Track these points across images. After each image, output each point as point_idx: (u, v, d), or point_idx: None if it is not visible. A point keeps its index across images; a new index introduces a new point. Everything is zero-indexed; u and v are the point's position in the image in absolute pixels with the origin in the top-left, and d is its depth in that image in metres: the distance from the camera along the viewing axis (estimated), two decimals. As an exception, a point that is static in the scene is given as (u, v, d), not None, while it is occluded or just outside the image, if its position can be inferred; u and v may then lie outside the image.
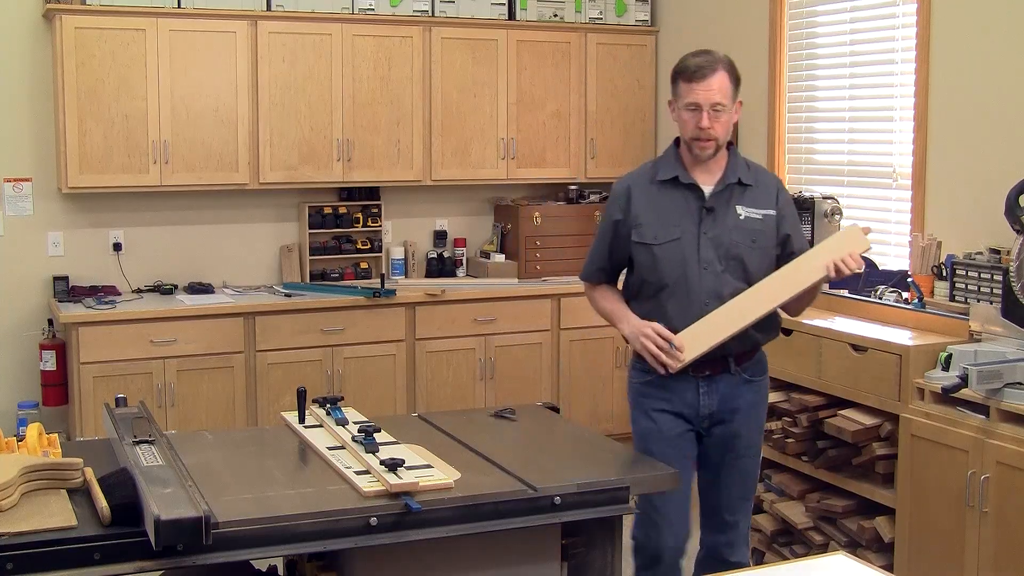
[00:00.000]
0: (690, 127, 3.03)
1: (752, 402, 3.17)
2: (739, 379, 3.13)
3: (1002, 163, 4.02)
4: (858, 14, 4.83)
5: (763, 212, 3.10)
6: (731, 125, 3.08)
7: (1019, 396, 3.32)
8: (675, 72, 3.06)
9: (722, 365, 3.11)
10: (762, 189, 3.13)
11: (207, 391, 5.08)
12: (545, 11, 5.93)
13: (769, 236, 3.10)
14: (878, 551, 3.84)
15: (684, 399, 3.11)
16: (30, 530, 2.23)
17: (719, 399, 3.12)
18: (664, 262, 3.06)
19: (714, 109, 3.00)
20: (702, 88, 2.99)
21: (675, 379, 3.08)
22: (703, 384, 3.11)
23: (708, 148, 3.04)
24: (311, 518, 2.40)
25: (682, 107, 3.05)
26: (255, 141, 5.36)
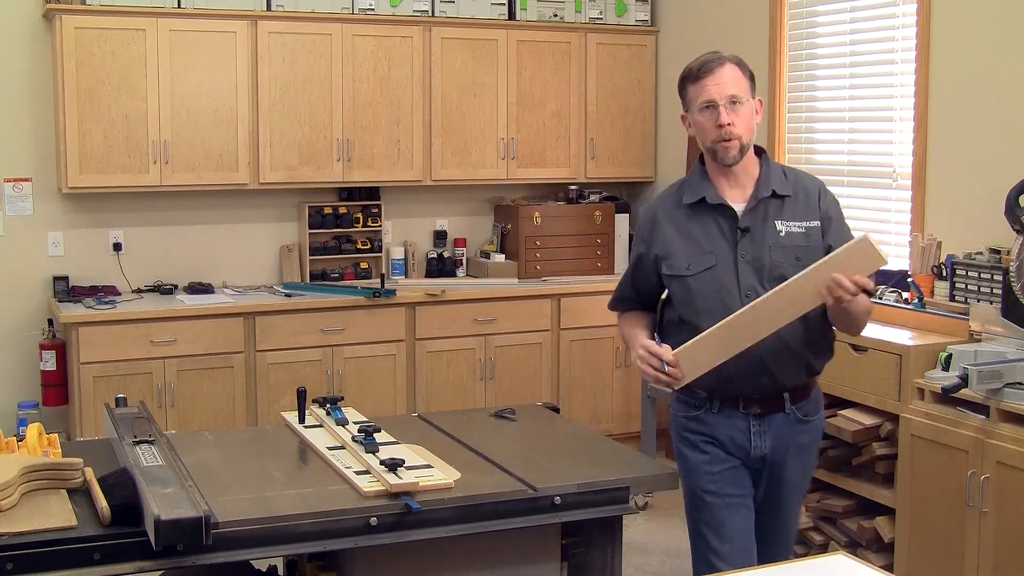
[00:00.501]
0: (708, 130, 2.71)
1: (804, 444, 2.83)
2: (793, 418, 2.78)
3: (1002, 163, 4.03)
4: (858, 14, 4.83)
5: (806, 224, 2.74)
6: (753, 124, 2.75)
7: (1019, 396, 3.32)
8: (681, 79, 2.78)
9: (776, 403, 2.75)
10: (802, 198, 2.76)
11: (207, 391, 5.08)
12: (545, 11, 5.93)
13: (815, 250, 2.70)
14: (878, 551, 3.84)
15: (733, 440, 2.76)
16: (30, 530, 2.24)
17: (771, 440, 2.76)
18: (700, 294, 2.72)
19: (731, 102, 2.69)
20: (712, 82, 2.69)
21: (724, 415, 2.75)
22: (755, 423, 2.75)
23: (732, 149, 2.69)
24: (311, 518, 2.40)
25: (696, 112, 2.73)
26: (255, 141, 5.36)
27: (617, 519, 2.75)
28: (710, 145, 2.72)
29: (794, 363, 2.71)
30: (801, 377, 2.76)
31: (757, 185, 2.74)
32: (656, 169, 6.26)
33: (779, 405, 2.75)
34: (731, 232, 2.72)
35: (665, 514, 4.94)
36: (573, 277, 5.91)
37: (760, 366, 2.69)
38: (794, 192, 2.76)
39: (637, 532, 4.69)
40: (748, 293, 2.68)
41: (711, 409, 2.77)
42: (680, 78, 2.78)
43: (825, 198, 2.79)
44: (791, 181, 2.78)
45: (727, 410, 2.75)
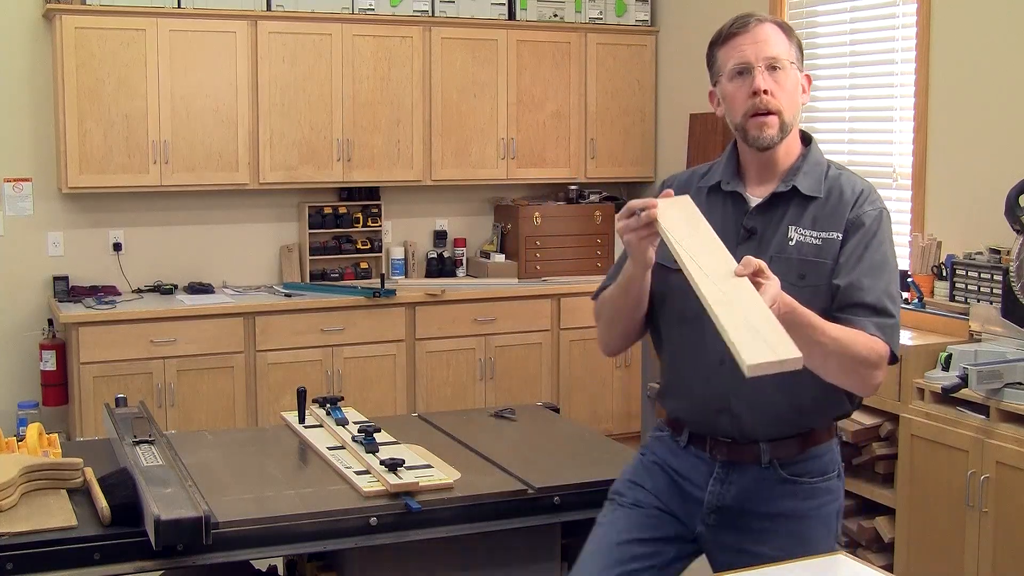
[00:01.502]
0: (741, 100, 2.12)
1: (797, 512, 2.18)
2: (773, 475, 2.18)
3: (1002, 163, 4.03)
4: (858, 14, 4.83)
5: (824, 235, 2.11)
6: (799, 100, 2.18)
7: (1019, 396, 3.32)
8: (710, 45, 2.24)
9: (747, 452, 2.18)
10: (835, 205, 2.14)
11: (207, 391, 5.08)
12: (545, 11, 5.93)
13: (826, 269, 2.10)
14: (878, 551, 3.84)
15: (692, 474, 2.25)
16: (30, 530, 2.23)
17: (735, 493, 2.19)
18: (678, 295, 2.11)
19: (771, 67, 2.11)
20: (748, 41, 2.12)
21: (691, 452, 2.25)
22: (720, 470, 2.21)
23: (769, 127, 2.10)
24: (311, 518, 2.40)
25: (727, 78, 2.16)
26: (255, 141, 5.36)
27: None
28: (740, 121, 2.13)
29: (768, 410, 2.10)
30: (780, 429, 2.16)
31: (784, 176, 2.17)
32: (656, 169, 6.26)
33: (753, 455, 2.17)
34: (735, 229, 2.15)
35: (665, 514, 4.93)
36: (573, 277, 5.91)
37: (722, 402, 2.16)
38: (829, 194, 2.15)
39: (637, 532, 4.67)
40: None
41: (680, 441, 2.28)
42: (709, 45, 2.23)
43: (862, 206, 2.13)
44: (830, 181, 2.17)
45: (695, 449, 2.24)
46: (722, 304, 1.83)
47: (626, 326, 2.27)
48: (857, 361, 1.99)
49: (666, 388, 2.34)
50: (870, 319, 2.03)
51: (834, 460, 2.25)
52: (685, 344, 2.21)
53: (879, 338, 2.02)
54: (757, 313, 1.81)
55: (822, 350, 1.95)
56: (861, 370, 2.00)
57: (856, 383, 2.05)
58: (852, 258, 2.08)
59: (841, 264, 2.09)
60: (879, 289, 2.06)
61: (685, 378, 2.24)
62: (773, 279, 1.86)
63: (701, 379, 2.18)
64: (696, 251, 1.94)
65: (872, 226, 2.11)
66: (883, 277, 2.08)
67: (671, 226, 1.98)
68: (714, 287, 1.87)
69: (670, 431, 2.31)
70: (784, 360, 1.74)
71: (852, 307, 2.05)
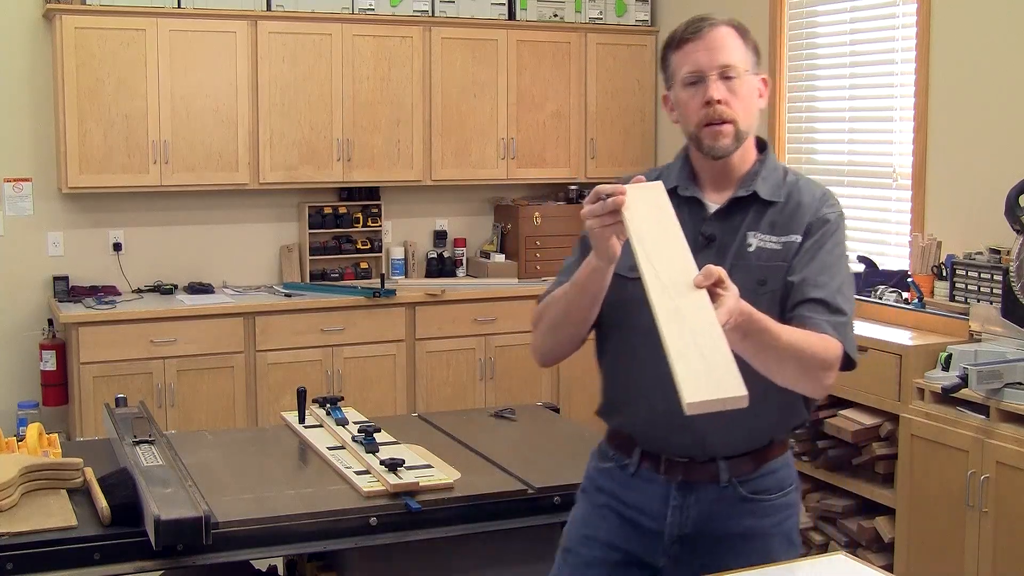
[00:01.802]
0: (694, 109, 2.04)
1: (759, 531, 2.12)
2: (733, 494, 2.09)
3: (1002, 163, 4.03)
4: (858, 14, 4.83)
5: (784, 239, 2.06)
6: (755, 106, 2.09)
7: (1019, 396, 3.32)
8: (663, 48, 2.14)
9: (706, 471, 2.08)
10: (794, 209, 2.08)
11: (207, 391, 5.08)
12: (545, 11, 5.93)
13: (784, 275, 2.04)
14: (878, 551, 3.84)
15: (647, 505, 2.11)
16: (30, 530, 2.24)
17: (695, 517, 2.09)
18: (632, 305, 1.98)
19: (724, 75, 2.02)
20: (701, 48, 2.04)
21: (642, 478, 2.11)
22: (676, 493, 2.09)
23: (723, 136, 2.03)
24: (311, 518, 2.40)
25: (680, 86, 2.07)
26: (255, 141, 5.36)
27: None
28: (694, 131, 2.06)
29: (732, 423, 1.85)
30: (739, 443, 2.07)
31: (742, 182, 2.10)
32: (656, 169, 6.25)
33: (711, 474, 2.08)
34: (693, 235, 2.01)
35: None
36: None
37: (679, 416, 1.86)
38: (788, 199, 2.09)
39: (637, 532, 4.67)
40: None
41: (627, 468, 2.13)
42: (663, 47, 2.14)
43: (821, 216, 2.07)
44: (788, 186, 2.12)
45: (647, 472, 2.11)
46: (673, 324, 1.71)
47: (574, 331, 2.11)
48: (813, 363, 1.93)
49: (615, 403, 2.19)
50: (823, 316, 1.97)
51: (791, 474, 2.18)
52: (643, 354, 2.04)
53: (834, 337, 1.96)
54: (709, 339, 1.69)
55: (778, 355, 1.89)
56: (816, 372, 1.94)
57: (810, 385, 1.98)
58: (807, 256, 2.04)
59: (796, 261, 2.03)
60: (833, 287, 2.01)
61: (641, 391, 2.09)
62: (732, 290, 1.75)
63: (660, 392, 1.94)
64: (657, 253, 1.82)
65: (831, 227, 2.07)
66: (837, 276, 2.03)
67: (637, 220, 1.86)
68: (668, 301, 1.74)
69: (616, 454, 2.16)
70: (727, 399, 1.63)
71: (805, 303, 1.99)
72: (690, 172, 2.13)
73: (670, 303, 1.74)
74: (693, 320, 1.71)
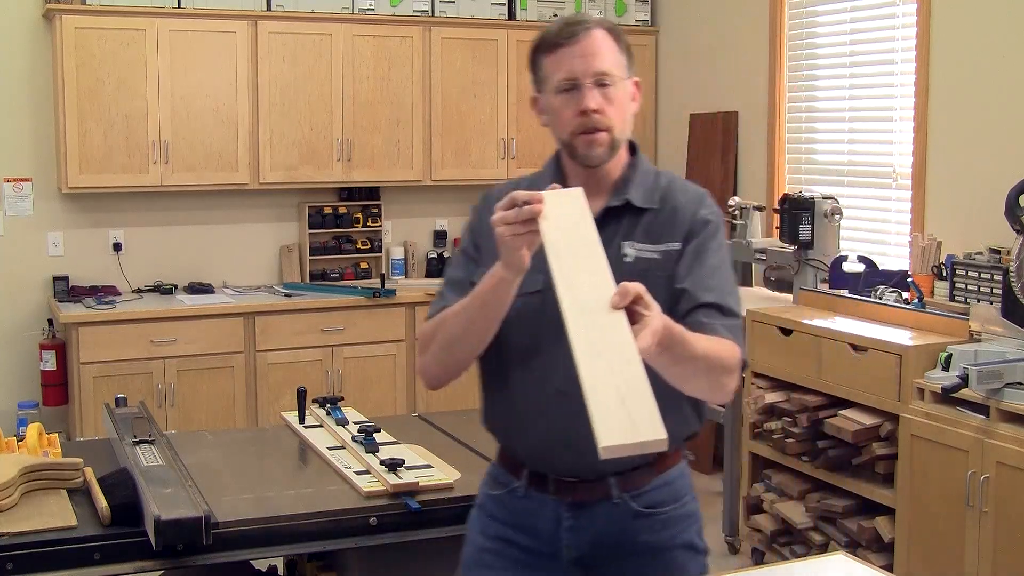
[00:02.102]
0: (568, 117, 1.98)
1: (659, 545, 2.02)
2: (626, 510, 2.00)
3: (1002, 163, 4.03)
4: (858, 14, 4.83)
5: (663, 248, 1.98)
6: (629, 112, 2.03)
7: (1019, 396, 3.32)
8: (533, 50, 2.04)
9: (597, 489, 1.99)
10: (670, 215, 2.01)
11: (207, 391, 5.08)
12: (545, 11, 5.93)
13: (665, 284, 1.94)
14: (878, 551, 3.84)
15: (540, 529, 2.02)
16: (30, 530, 2.24)
17: (591, 538, 2.00)
18: (514, 327, 1.95)
19: (599, 83, 1.95)
20: (576, 53, 1.95)
21: (533, 500, 2.02)
22: (567, 514, 2.00)
23: (599, 145, 1.97)
24: (311, 518, 2.40)
25: (551, 92, 2.00)
26: (255, 141, 5.36)
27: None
28: (568, 139, 2.00)
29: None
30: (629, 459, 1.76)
31: (612, 192, 2.02)
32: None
33: (602, 491, 1.99)
34: None
35: (665, 514, 4.93)
36: (573, 277, 5.90)
37: (565, 436, 1.92)
38: (663, 205, 2.02)
39: (637, 532, 4.67)
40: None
41: (516, 491, 2.04)
42: (532, 47, 2.05)
43: (699, 211, 2.01)
44: (662, 191, 2.04)
45: (536, 494, 2.01)
46: (589, 353, 1.58)
47: (471, 350, 1.98)
48: (722, 369, 1.86)
49: (499, 423, 2.09)
50: (719, 321, 1.91)
51: (686, 484, 2.08)
52: (524, 373, 1.99)
53: (732, 341, 1.90)
54: (627, 372, 1.56)
55: (693, 366, 1.80)
56: (724, 378, 1.88)
57: (718, 392, 1.91)
58: (694, 261, 1.96)
59: (680, 268, 1.96)
60: (724, 290, 1.95)
61: (522, 412, 2.00)
62: (654, 308, 1.64)
63: (540, 412, 1.96)
64: (574, 269, 1.69)
65: (711, 228, 2.00)
66: (725, 278, 1.98)
67: (553, 232, 1.74)
68: (584, 325, 1.61)
69: (505, 476, 2.07)
70: (646, 442, 1.51)
71: (699, 309, 1.92)
72: (562, 180, 2.04)
73: (586, 327, 1.61)
74: (610, 348, 1.58)
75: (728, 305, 1.94)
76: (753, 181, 5.47)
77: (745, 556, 4.47)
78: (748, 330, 4.34)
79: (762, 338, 4.27)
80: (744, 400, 4.36)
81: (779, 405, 4.15)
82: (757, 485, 4.37)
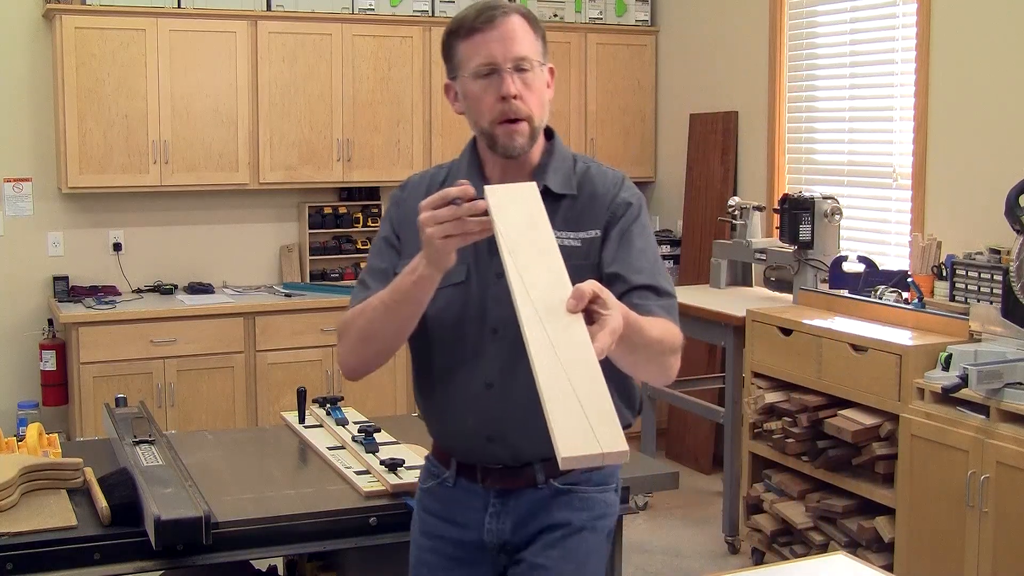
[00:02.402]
0: (487, 105, 1.93)
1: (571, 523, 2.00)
2: (549, 492, 2.01)
3: (1002, 163, 4.03)
4: (858, 14, 4.83)
5: (583, 235, 1.95)
6: (547, 99, 1.98)
7: (1019, 396, 3.31)
8: (447, 34, 1.98)
9: (522, 476, 2.00)
10: (588, 201, 1.98)
11: (207, 391, 5.08)
12: (545, 11, 5.93)
13: (589, 272, 1.86)
14: (878, 551, 3.84)
15: (469, 518, 2.05)
16: (30, 530, 2.23)
17: (511, 525, 2.02)
18: (438, 319, 1.96)
19: (518, 68, 1.91)
20: (495, 38, 1.91)
21: (461, 489, 2.06)
22: (495, 500, 2.03)
23: (521, 135, 1.92)
24: (311, 518, 2.40)
25: (468, 79, 1.95)
26: (255, 141, 5.36)
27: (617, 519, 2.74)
28: (487, 127, 1.95)
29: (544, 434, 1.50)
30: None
31: (528, 178, 1.93)
32: (656, 169, 6.26)
33: (527, 478, 2.00)
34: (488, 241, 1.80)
35: (665, 514, 4.94)
36: (573, 277, 5.90)
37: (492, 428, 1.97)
38: (581, 190, 1.99)
39: (637, 532, 4.69)
40: (497, 327, 1.93)
41: (446, 481, 2.07)
42: (446, 32, 1.98)
43: (620, 194, 1.99)
44: (579, 175, 2.01)
45: (465, 482, 2.05)
46: (546, 359, 1.52)
47: (390, 343, 1.96)
48: (670, 351, 1.85)
49: (429, 414, 2.11)
50: (655, 302, 1.90)
51: (613, 474, 2.09)
52: (451, 366, 1.99)
53: (671, 321, 1.89)
54: (586, 379, 1.50)
55: (647, 352, 1.78)
56: (671, 359, 1.86)
57: (664, 374, 1.88)
58: (618, 244, 1.94)
59: (606, 253, 1.93)
60: (655, 271, 1.94)
61: (452, 404, 2.01)
62: (612, 308, 1.59)
63: (469, 405, 1.97)
64: (530, 271, 1.62)
65: (633, 210, 1.98)
66: (655, 260, 1.96)
67: (508, 227, 1.67)
68: (541, 328, 1.55)
69: (437, 467, 2.10)
70: (607, 454, 1.45)
71: (633, 291, 1.89)
72: (479, 169, 2.02)
73: (543, 331, 1.55)
74: (569, 354, 1.53)
75: (661, 285, 1.93)
76: (753, 181, 5.47)
77: (745, 556, 4.47)
78: (748, 330, 4.35)
79: (762, 338, 4.27)
80: (744, 400, 4.36)
81: (779, 405, 4.15)
82: (757, 485, 4.37)
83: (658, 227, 6.23)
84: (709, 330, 4.66)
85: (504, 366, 1.92)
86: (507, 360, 1.87)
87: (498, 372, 1.90)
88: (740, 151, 5.58)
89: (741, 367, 4.44)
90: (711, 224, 5.65)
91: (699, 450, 5.65)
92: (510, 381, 1.66)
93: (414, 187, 2.06)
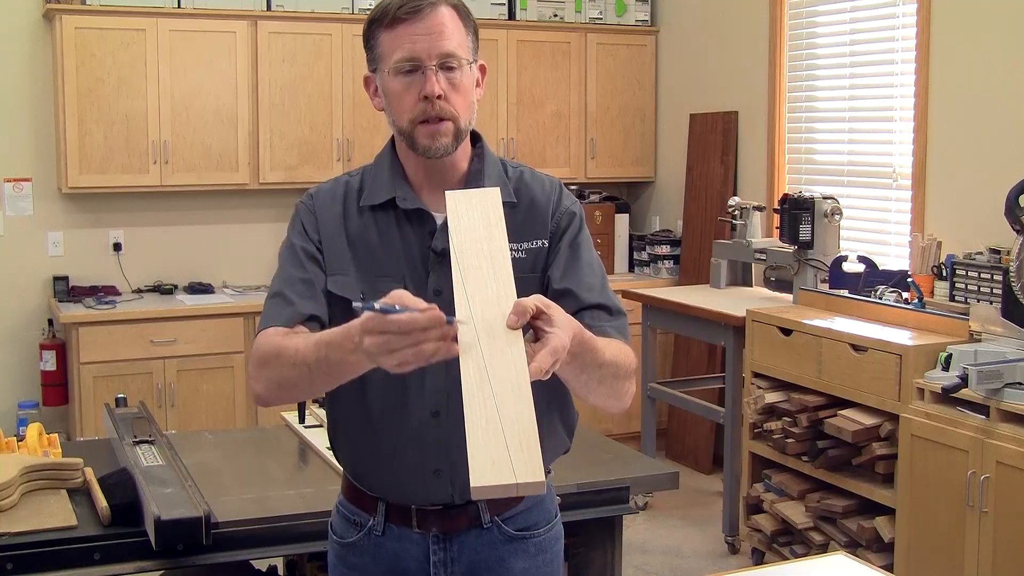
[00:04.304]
0: (409, 103, 1.79)
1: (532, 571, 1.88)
2: (498, 535, 1.85)
3: (1002, 163, 4.03)
4: (858, 14, 4.83)
5: (527, 245, 1.82)
6: (474, 99, 1.82)
7: (1019, 396, 3.31)
8: (370, 22, 1.84)
9: (465, 515, 1.83)
10: (528, 209, 1.85)
11: (207, 391, 5.08)
12: (545, 11, 5.93)
13: (535, 285, 1.78)
14: (878, 551, 3.84)
15: (406, 569, 1.85)
16: (30, 530, 2.24)
17: (465, 569, 1.85)
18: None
19: (445, 66, 1.76)
20: (420, 31, 1.75)
21: (391, 537, 1.84)
22: (436, 547, 1.84)
23: (444, 136, 1.77)
24: (311, 518, 2.40)
25: (390, 73, 1.81)
26: (255, 141, 5.36)
27: (617, 519, 2.75)
28: (407, 128, 1.81)
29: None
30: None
31: (461, 186, 1.81)
32: (656, 169, 6.26)
33: (471, 517, 1.83)
34: (423, 255, 1.78)
35: (665, 514, 4.94)
36: (573, 277, 5.90)
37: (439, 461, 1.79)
38: (518, 198, 1.85)
39: (637, 532, 4.69)
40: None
41: (374, 529, 1.85)
42: (368, 20, 1.85)
43: (561, 203, 1.87)
44: (514, 182, 1.87)
45: (396, 529, 1.84)
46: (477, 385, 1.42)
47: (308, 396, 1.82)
48: (625, 375, 1.73)
49: (351, 453, 1.88)
50: (608, 322, 1.78)
51: (553, 499, 1.97)
52: (387, 399, 1.79)
53: (625, 342, 1.77)
54: (513, 404, 1.40)
55: (600, 374, 1.65)
56: (625, 384, 1.75)
57: (619, 399, 1.77)
58: (567, 258, 1.81)
59: (558, 267, 1.80)
60: (604, 286, 1.82)
61: (390, 441, 1.81)
62: (557, 323, 1.48)
63: (411, 438, 1.79)
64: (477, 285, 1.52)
65: (577, 222, 1.86)
66: (602, 275, 1.84)
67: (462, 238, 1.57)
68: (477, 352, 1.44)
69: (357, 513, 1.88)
70: (521, 484, 1.34)
71: (586, 311, 1.76)
72: (401, 174, 1.85)
73: (478, 350, 1.44)
74: (500, 376, 1.42)
75: (612, 303, 1.82)
76: (753, 181, 5.47)
77: (745, 556, 4.47)
78: (748, 330, 4.34)
79: (762, 338, 4.27)
80: (744, 400, 4.36)
81: (779, 405, 4.15)
82: (757, 485, 4.37)
83: (658, 227, 6.24)
84: (709, 330, 4.66)
85: (452, 390, 1.66)
86: (455, 383, 1.48)
87: (446, 398, 1.74)
88: (740, 151, 5.58)
89: (741, 367, 4.44)
90: (711, 224, 5.65)
91: (699, 450, 5.65)
92: (459, 406, 1.42)
93: (326, 195, 1.86)
